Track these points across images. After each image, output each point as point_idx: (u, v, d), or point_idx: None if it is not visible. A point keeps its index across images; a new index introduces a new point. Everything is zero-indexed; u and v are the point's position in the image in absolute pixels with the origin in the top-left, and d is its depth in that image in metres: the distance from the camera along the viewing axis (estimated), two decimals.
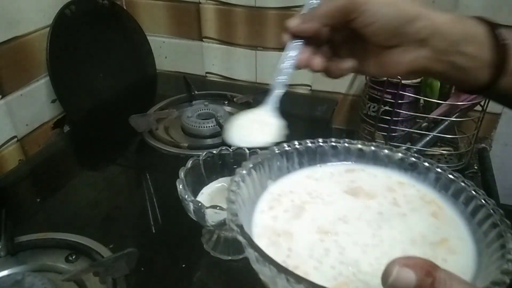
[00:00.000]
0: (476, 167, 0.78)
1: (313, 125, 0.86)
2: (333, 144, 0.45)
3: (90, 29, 0.87)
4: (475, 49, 0.38)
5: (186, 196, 0.48)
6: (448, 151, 0.80)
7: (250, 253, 0.33)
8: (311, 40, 0.43)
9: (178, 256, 0.54)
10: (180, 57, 1.03)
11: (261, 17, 0.89)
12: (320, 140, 0.45)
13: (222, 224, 0.49)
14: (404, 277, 0.26)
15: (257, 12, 0.89)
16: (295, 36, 0.44)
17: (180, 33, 1.00)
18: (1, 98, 0.74)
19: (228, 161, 0.58)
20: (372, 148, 0.44)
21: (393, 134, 0.78)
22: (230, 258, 0.53)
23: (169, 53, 1.04)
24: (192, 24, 0.97)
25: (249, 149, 0.56)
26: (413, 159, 0.42)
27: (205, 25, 0.96)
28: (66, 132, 0.86)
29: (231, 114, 0.86)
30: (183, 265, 0.53)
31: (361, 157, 0.44)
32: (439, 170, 0.41)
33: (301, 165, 0.45)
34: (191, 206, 0.47)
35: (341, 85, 0.91)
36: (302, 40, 0.43)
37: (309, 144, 0.45)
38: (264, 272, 0.32)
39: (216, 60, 1.00)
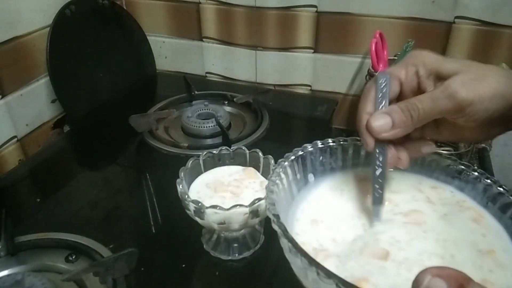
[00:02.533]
0: (476, 167, 0.78)
1: (313, 125, 0.86)
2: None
3: (90, 29, 0.88)
4: None
5: (186, 196, 0.48)
6: (448, 151, 0.80)
7: (284, 243, 0.32)
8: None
9: (178, 256, 0.54)
10: (180, 57, 1.03)
11: (261, 17, 0.89)
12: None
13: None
14: (436, 287, 0.25)
15: (257, 12, 0.89)
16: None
17: (180, 33, 1.00)
18: (1, 98, 0.74)
19: (228, 161, 0.58)
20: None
21: None
22: (230, 258, 0.53)
23: (169, 53, 1.04)
24: (192, 24, 0.97)
25: (249, 149, 0.56)
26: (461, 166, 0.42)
27: (205, 25, 0.96)
28: (66, 132, 0.86)
29: (231, 114, 0.87)
30: (183, 265, 0.53)
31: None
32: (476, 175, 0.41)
33: (344, 162, 0.44)
34: (191, 206, 0.47)
35: (341, 85, 0.91)
36: (387, 144, 0.37)
37: (356, 142, 0.44)
38: (296, 263, 0.32)
39: (216, 60, 1.00)
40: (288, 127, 0.88)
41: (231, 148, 0.57)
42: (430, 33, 0.79)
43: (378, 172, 0.37)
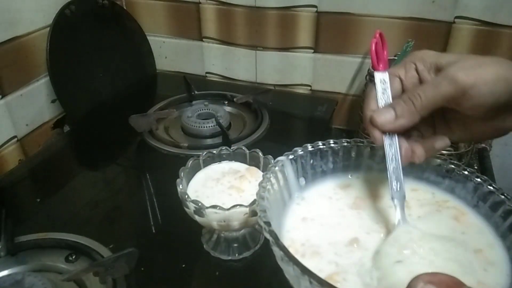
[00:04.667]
0: (476, 167, 0.78)
1: (313, 125, 0.86)
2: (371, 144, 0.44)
3: (90, 29, 0.87)
4: None
5: (186, 196, 0.48)
6: (448, 151, 0.80)
7: (276, 251, 0.33)
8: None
9: (178, 256, 0.54)
10: (180, 57, 1.03)
11: (261, 17, 0.89)
12: (357, 140, 0.44)
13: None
14: None
15: (257, 12, 0.89)
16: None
17: (180, 33, 1.00)
18: (1, 98, 0.74)
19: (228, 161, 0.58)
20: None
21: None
22: (230, 258, 0.53)
23: (169, 53, 1.04)
24: (192, 24, 0.97)
25: (249, 149, 0.56)
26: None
27: (205, 25, 0.96)
28: (66, 132, 0.86)
29: (231, 114, 0.87)
30: (183, 265, 0.53)
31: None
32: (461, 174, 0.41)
33: (335, 164, 0.45)
34: (191, 206, 0.47)
35: (341, 85, 0.91)
36: (395, 135, 0.38)
37: (345, 144, 0.45)
38: (289, 271, 0.32)
39: (216, 60, 1.00)
40: (288, 127, 0.88)
41: (231, 148, 0.57)
42: (430, 33, 0.79)
43: (391, 166, 0.38)
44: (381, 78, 0.39)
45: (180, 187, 0.49)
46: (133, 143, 0.78)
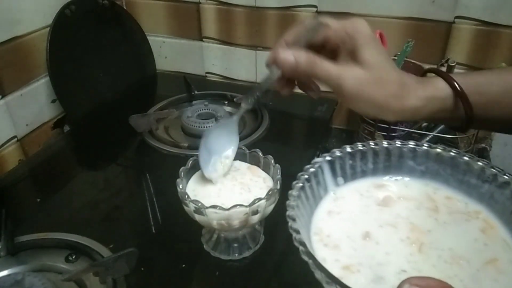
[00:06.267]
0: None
1: (313, 125, 0.86)
2: (411, 146, 0.44)
3: (90, 29, 0.88)
4: (447, 114, 0.45)
5: (186, 196, 0.48)
6: None
7: (305, 258, 0.34)
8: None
9: (178, 256, 0.54)
10: (180, 57, 1.03)
11: (261, 17, 0.89)
12: (398, 142, 0.44)
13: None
14: None
15: (257, 12, 0.89)
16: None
17: (180, 33, 1.00)
18: (1, 98, 0.74)
19: None
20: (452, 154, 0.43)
21: (393, 134, 0.78)
22: (230, 258, 0.53)
23: (169, 53, 1.04)
24: (192, 24, 0.97)
25: (249, 149, 0.56)
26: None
27: (205, 25, 0.96)
28: (66, 132, 0.86)
29: (231, 114, 0.87)
30: (183, 265, 0.53)
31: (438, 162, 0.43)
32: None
33: (375, 164, 0.45)
34: (191, 206, 0.47)
35: None
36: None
37: (385, 145, 0.44)
38: (317, 275, 0.33)
39: (216, 60, 1.00)
40: (288, 127, 0.88)
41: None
42: (430, 33, 0.79)
43: (262, 83, 0.45)
44: (314, 23, 0.43)
45: (180, 187, 0.49)
46: (133, 143, 0.78)
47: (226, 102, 0.91)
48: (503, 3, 0.73)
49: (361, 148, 0.44)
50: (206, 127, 0.78)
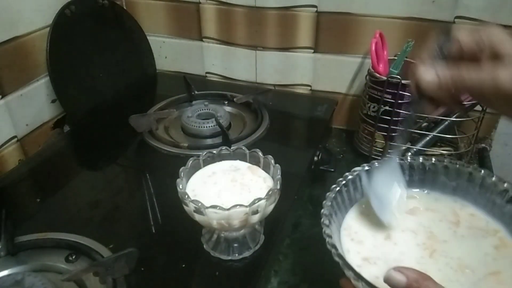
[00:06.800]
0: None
1: (313, 125, 0.86)
2: (445, 164, 0.48)
3: (90, 29, 0.88)
4: None
5: (186, 196, 0.48)
6: (448, 151, 0.80)
7: (336, 258, 0.38)
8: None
9: (178, 256, 0.54)
10: (180, 57, 1.03)
11: (261, 17, 0.89)
12: (434, 158, 0.48)
13: None
14: (396, 278, 0.33)
15: (257, 12, 0.89)
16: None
17: (180, 33, 1.00)
18: (1, 98, 0.74)
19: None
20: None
21: (393, 134, 0.78)
22: (230, 258, 0.53)
23: (169, 53, 1.04)
24: (192, 24, 0.97)
25: (249, 149, 0.56)
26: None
27: (205, 25, 0.96)
28: (66, 132, 0.86)
29: (231, 114, 0.87)
30: (183, 265, 0.53)
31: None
32: None
33: (411, 177, 0.50)
34: (191, 206, 0.47)
35: (341, 85, 0.91)
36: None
37: (421, 160, 0.49)
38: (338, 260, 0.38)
39: (216, 60, 1.00)
40: (288, 127, 0.88)
41: (231, 148, 0.57)
42: (430, 33, 0.79)
43: (409, 117, 0.45)
44: (444, 39, 0.42)
45: (180, 187, 0.49)
46: (133, 143, 0.78)
47: (226, 102, 0.91)
48: (503, 3, 0.73)
49: (399, 161, 0.48)
50: (206, 127, 0.78)
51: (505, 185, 0.44)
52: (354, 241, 0.45)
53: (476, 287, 0.39)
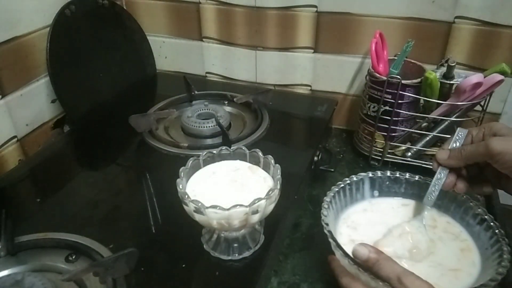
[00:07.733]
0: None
1: (313, 125, 0.86)
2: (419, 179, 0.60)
3: (90, 29, 0.87)
4: None
5: (186, 196, 0.48)
6: None
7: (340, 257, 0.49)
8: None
9: (178, 256, 0.54)
10: (180, 57, 1.03)
11: (261, 17, 0.89)
12: (429, 178, 0.57)
13: None
14: (360, 251, 0.46)
15: (257, 12, 0.89)
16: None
17: (180, 33, 1.00)
18: (1, 98, 0.74)
19: None
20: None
21: (393, 134, 0.78)
22: (230, 258, 0.53)
23: (169, 53, 1.04)
24: (192, 24, 0.97)
25: (249, 149, 0.56)
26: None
27: (205, 25, 0.96)
28: (66, 132, 0.86)
29: (231, 114, 0.87)
30: (183, 265, 0.53)
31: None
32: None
33: (406, 190, 0.61)
34: (191, 206, 0.47)
35: (341, 85, 0.91)
36: (447, 169, 0.54)
37: (416, 178, 0.60)
38: (345, 263, 0.48)
39: (216, 60, 1.00)
40: (288, 127, 0.88)
41: (231, 148, 0.57)
42: (430, 33, 0.79)
43: (434, 187, 0.55)
44: (461, 132, 0.54)
45: (180, 187, 0.49)
46: (133, 143, 0.78)
47: (226, 102, 0.91)
48: (503, 3, 0.73)
49: (399, 176, 0.60)
50: (206, 127, 0.78)
51: (479, 209, 0.54)
52: (350, 227, 0.56)
53: (437, 277, 0.49)
